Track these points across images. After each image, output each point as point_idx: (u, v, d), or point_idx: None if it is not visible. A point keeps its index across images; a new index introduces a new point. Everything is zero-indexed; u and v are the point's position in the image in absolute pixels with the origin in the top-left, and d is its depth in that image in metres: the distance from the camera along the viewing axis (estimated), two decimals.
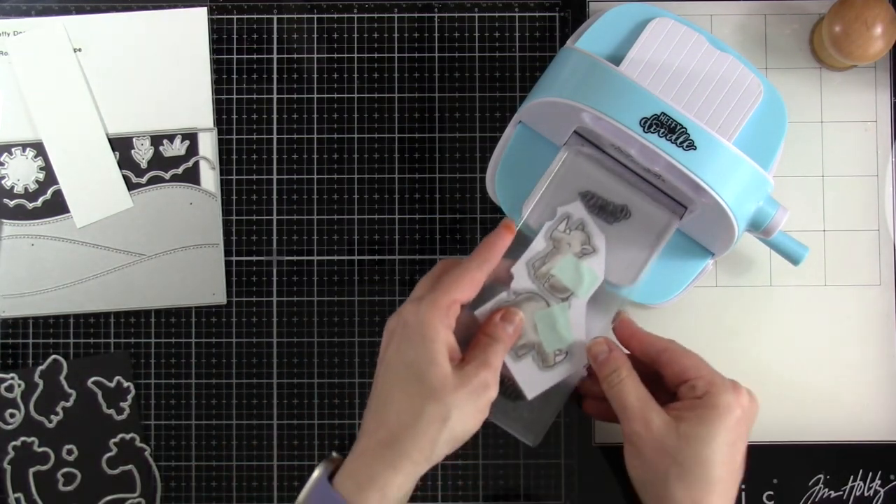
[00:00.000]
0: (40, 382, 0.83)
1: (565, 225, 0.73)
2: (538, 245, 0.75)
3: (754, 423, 0.70)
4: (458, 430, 0.67)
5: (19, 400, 0.83)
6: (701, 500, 0.67)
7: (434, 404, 0.65)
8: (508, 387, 0.74)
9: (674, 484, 0.67)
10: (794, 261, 0.77)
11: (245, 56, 0.84)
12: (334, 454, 0.69)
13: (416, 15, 0.85)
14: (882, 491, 0.81)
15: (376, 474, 0.65)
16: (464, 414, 0.66)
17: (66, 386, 0.83)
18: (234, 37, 0.84)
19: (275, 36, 0.85)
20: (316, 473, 0.67)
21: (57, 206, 0.84)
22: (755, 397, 0.70)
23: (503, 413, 0.74)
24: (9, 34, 0.84)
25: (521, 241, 0.74)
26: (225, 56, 0.84)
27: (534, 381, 0.75)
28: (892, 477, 0.82)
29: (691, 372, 0.69)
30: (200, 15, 0.84)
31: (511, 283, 0.74)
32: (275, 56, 0.84)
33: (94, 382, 0.83)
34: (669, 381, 0.71)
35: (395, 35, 0.85)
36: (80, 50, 0.84)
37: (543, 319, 0.75)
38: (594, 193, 0.76)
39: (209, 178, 0.84)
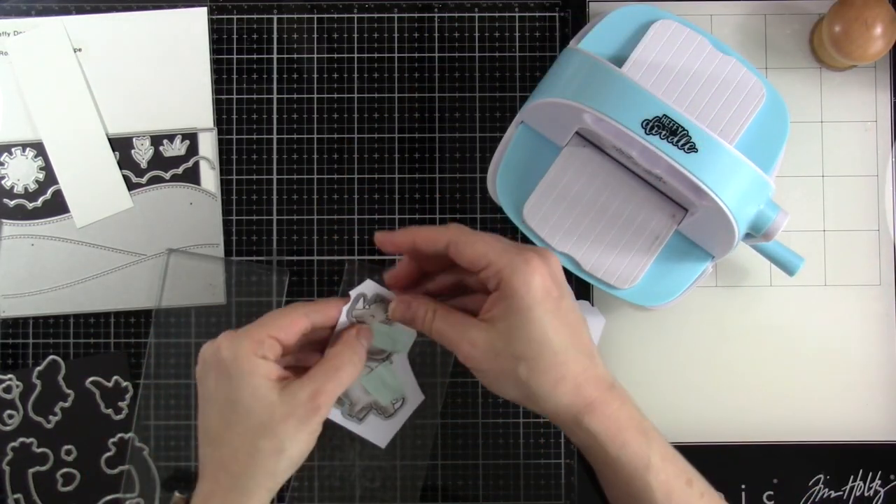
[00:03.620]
0: (38, 383, 0.83)
1: (362, 303, 0.74)
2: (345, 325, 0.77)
3: (560, 268, 0.66)
4: (296, 455, 0.67)
5: (17, 401, 0.83)
6: (564, 373, 0.64)
7: (266, 440, 0.65)
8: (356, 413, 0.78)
9: (530, 378, 0.64)
10: (790, 271, 0.77)
11: (245, 56, 0.84)
12: (177, 494, 0.69)
13: (416, 15, 0.85)
14: (882, 491, 0.82)
15: None
16: (297, 441, 0.66)
17: (64, 386, 0.83)
18: (234, 37, 0.84)
19: (275, 36, 0.84)
20: None
21: (57, 206, 0.83)
22: (545, 253, 0.66)
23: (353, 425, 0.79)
24: (9, 34, 0.84)
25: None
26: (225, 56, 0.84)
27: (382, 433, 0.78)
28: (892, 477, 0.82)
29: (481, 261, 0.65)
30: (200, 15, 0.84)
31: None
32: (275, 56, 0.84)
33: (92, 382, 0.83)
34: (467, 271, 0.67)
35: (395, 35, 0.85)
36: (80, 50, 0.84)
37: (372, 383, 0.78)
38: None
39: (209, 178, 0.84)
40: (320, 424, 0.67)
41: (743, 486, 0.82)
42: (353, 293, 0.74)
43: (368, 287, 0.75)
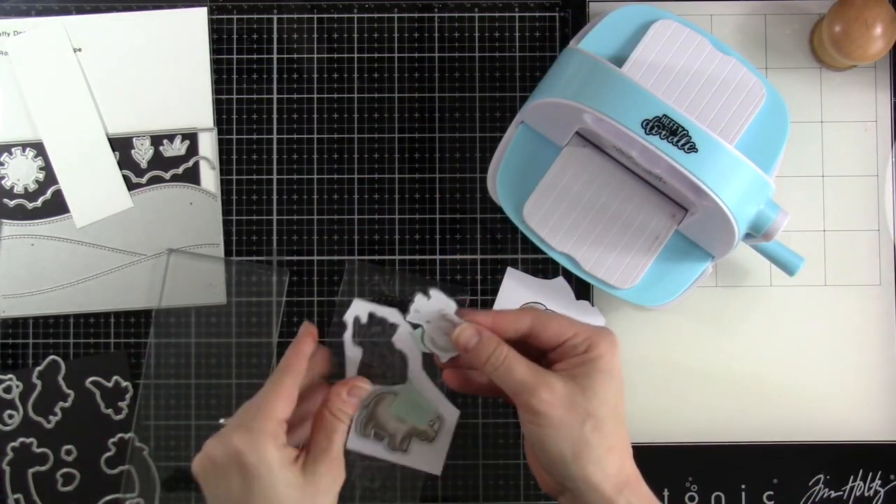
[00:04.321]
0: (38, 383, 0.83)
1: (358, 327, 0.75)
2: (353, 354, 0.78)
3: None
4: None
5: (17, 401, 0.83)
6: (615, 443, 0.67)
7: None
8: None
9: (591, 436, 0.66)
10: (790, 271, 0.77)
11: (245, 56, 0.84)
12: None
13: (416, 15, 0.85)
14: (882, 491, 0.82)
15: None
16: (329, 501, 0.70)
17: (64, 386, 0.83)
18: (234, 37, 0.84)
19: (275, 36, 0.84)
20: None
21: (57, 206, 0.83)
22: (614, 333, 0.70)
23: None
24: (9, 34, 0.84)
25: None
26: (225, 56, 0.84)
27: (433, 459, 0.80)
28: (892, 477, 0.82)
29: (567, 332, 0.69)
30: (200, 15, 0.84)
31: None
32: (275, 56, 0.84)
33: (92, 382, 0.83)
34: (545, 346, 0.70)
35: (395, 35, 0.85)
36: (80, 50, 0.84)
37: (402, 408, 0.80)
38: None
39: (209, 178, 0.84)
40: (341, 483, 0.71)
41: (743, 486, 0.82)
42: (347, 318, 0.75)
43: (360, 307, 0.76)
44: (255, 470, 0.67)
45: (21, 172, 0.84)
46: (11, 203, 0.83)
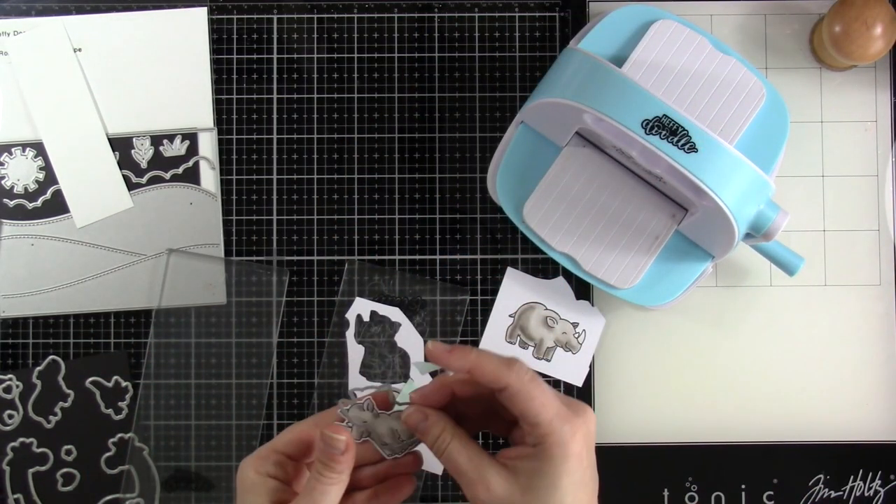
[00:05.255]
0: (38, 383, 0.83)
1: (360, 325, 0.75)
2: (354, 353, 0.79)
3: (594, 427, 0.63)
4: None
5: (17, 401, 0.83)
6: None
7: None
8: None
9: None
10: (790, 271, 0.77)
11: (245, 56, 0.84)
12: None
13: (416, 15, 0.85)
14: (882, 491, 0.82)
15: None
16: None
17: (64, 386, 0.83)
18: (234, 37, 0.84)
19: (275, 36, 0.84)
20: None
21: (57, 206, 0.83)
22: (588, 414, 0.63)
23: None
24: (9, 34, 0.84)
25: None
26: (225, 56, 0.84)
27: (433, 459, 0.76)
28: (892, 477, 0.82)
29: (530, 418, 0.61)
30: (200, 15, 0.84)
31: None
32: (275, 56, 0.84)
33: (91, 382, 0.83)
34: (504, 408, 0.64)
35: (395, 35, 0.85)
36: (80, 50, 0.84)
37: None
38: None
39: (209, 178, 0.84)
40: None
41: (743, 486, 0.82)
42: (349, 317, 0.76)
43: (361, 306, 0.76)
44: (237, 487, 0.65)
45: (21, 172, 0.84)
46: (11, 203, 0.83)
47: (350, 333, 0.81)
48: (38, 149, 0.84)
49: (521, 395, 0.61)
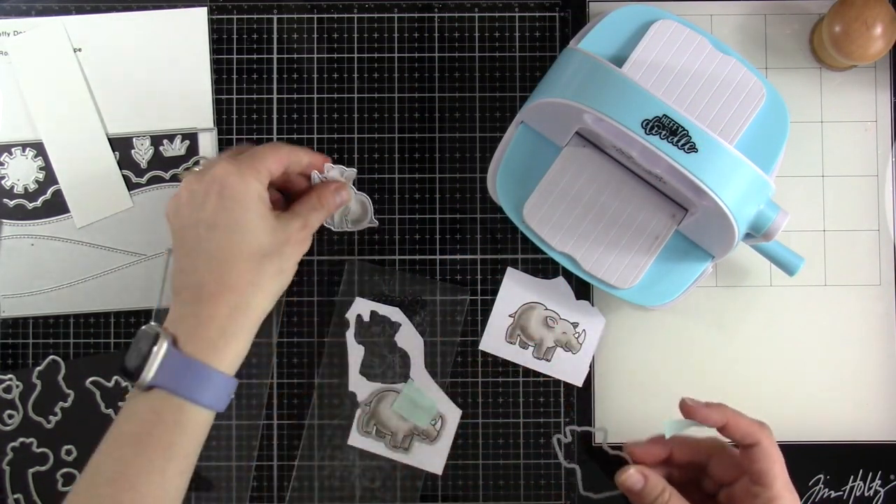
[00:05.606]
0: (38, 383, 0.83)
1: (360, 325, 0.81)
2: (355, 353, 0.82)
3: None
4: (287, 280, 0.72)
5: (17, 401, 0.83)
6: None
7: (270, 262, 0.70)
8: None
9: None
10: (790, 271, 0.77)
11: (245, 56, 0.84)
12: (153, 324, 0.69)
13: (416, 15, 0.85)
14: (882, 491, 0.82)
15: (230, 336, 0.68)
16: (292, 266, 0.73)
17: (64, 386, 0.83)
18: (234, 37, 0.84)
19: (275, 36, 0.84)
20: (163, 347, 0.67)
21: (57, 206, 0.83)
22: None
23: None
24: (9, 34, 0.84)
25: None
26: (225, 56, 0.84)
27: (435, 459, 0.81)
28: (892, 477, 0.82)
29: (764, 478, 0.68)
30: (200, 15, 0.84)
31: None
32: (275, 56, 0.84)
33: (92, 382, 0.83)
34: (720, 479, 0.72)
35: (395, 35, 0.85)
36: (80, 50, 0.84)
37: (404, 407, 0.81)
38: None
39: None
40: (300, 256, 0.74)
41: None
42: (350, 316, 0.77)
43: (362, 306, 0.80)
44: (233, 191, 0.69)
45: (21, 172, 0.84)
46: (11, 203, 0.83)
47: (350, 333, 0.81)
48: (38, 149, 0.84)
49: (771, 456, 0.68)
